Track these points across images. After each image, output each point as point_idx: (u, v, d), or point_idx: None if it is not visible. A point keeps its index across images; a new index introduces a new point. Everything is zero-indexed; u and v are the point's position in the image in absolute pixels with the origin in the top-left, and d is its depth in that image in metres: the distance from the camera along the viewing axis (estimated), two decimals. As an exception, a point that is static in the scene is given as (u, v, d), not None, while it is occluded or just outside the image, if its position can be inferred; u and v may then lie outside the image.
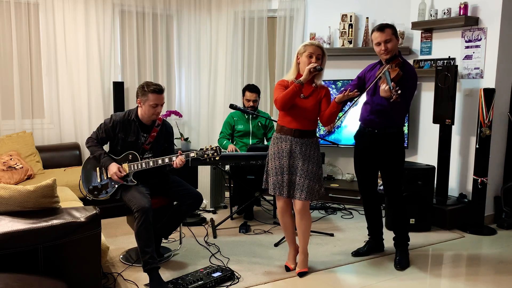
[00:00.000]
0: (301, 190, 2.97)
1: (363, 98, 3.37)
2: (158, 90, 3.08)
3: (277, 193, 3.03)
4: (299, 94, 2.94)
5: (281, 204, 3.11)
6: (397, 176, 3.27)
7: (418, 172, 3.97)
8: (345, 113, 3.39)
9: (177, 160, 3.02)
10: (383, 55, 3.12)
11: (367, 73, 3.34)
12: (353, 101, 3.36)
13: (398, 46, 4.58)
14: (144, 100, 3.09)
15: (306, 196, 2.97)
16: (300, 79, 2.92)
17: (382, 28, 3.11)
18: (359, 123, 3.41)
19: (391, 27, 3.12)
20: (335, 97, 2.99)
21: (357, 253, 3.47)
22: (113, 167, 3.06)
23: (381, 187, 3.51)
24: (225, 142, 4.29)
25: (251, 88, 4.34)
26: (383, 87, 2.93)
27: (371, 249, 3.50)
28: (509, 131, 4.32)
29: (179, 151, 3.07)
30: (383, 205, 3.87)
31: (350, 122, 4.79)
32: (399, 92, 2.86)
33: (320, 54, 2.97)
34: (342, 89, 3.41)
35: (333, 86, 4.92)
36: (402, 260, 3.28)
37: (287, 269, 3.17)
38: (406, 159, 3.43)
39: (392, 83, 2.92)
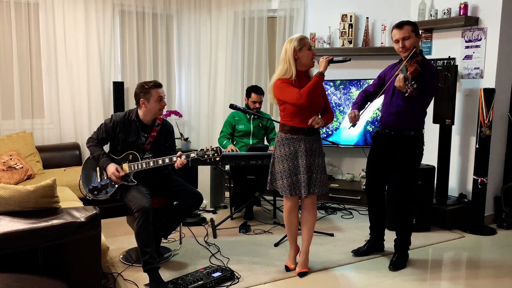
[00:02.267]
0: (315, 185, 3.02)
1: (381, 99, 3.35)
2: (158, 84, 3.16)
3: (293, 193, 3.02)
4: (321, 85, 2.97)
5: (289, 204, 3.11)
6: (408, 179, 3.22)
7: (418, 172, 3.96)
8: (364, 110, 3.34)
9: (178, 162, 3.02)
10: (401, 52, 3.08)
11: (387, 72, 3.30)
12: (372, 101, 3.33)
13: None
14: (148, 97, 3.10)
15: (319, 190, 3.03)
16: (321, 70, 2.94)
17: (400, 25, 3.07)
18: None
19: (411, 24, 3.07)
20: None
21: (357, 252, 3.47)
22: (111, 168, 3.06)
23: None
24: (225, 142, 4.29)
25: (258, 90, 4.32)
26: (398, 77, 2.91)
27: (371, 248, 3.50)
28: (509, 131, 4.32)
29: (179, 152, 3.07)
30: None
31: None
32: (414, 86, 2.83)
33: (311, 45, 3.08)
34: (354, 101, 3.39)
35: (331, 84, 4.92)
36: (399, 261, 3.27)
37: (287, 269, 3.17)
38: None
39: (409, 74, 2.89)
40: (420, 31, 4.52)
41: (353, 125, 3.27)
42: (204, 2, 5.37)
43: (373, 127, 4.80)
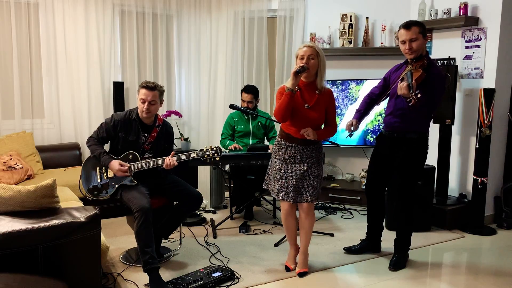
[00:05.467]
0: (307, 192, 2.98)
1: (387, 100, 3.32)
2: (146, 86, 3.10)
3: (280, 197, 3.03)
4: (292, 101, 2.86)
5: (286, 208, 3.11)
6: (409, 182, 3.20)
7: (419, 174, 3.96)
8: (365, 117, 3.36)
9: (167, 160, 3.01)
10: (407, 54, 3.02)
11: (392, 74, 3.26)
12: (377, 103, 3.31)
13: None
14: (137, 95, 3.14)
15: (312, 197, 2.99)
16: (288, 86, 2.84)
17: (408, 25, 2.98)
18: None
19: (419, 25, 3.00)
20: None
21: (349, 250, 3.48)
22: (115, 164, 3.07)
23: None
24: (228, 142, 4.30)
25: (247, 89, 4.33)
26: (402, 84, 2.84)
27: (365, 248, 3.49)
28: (509, 131, 4.32)
29: (172, 153, 3.07)
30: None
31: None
32: (418, 95, 2.73)
33: (312, 54, 2.86)
34: (358, 108, 3.38)
35: (329, 82, 4.91)
36: (398, 261, 3.26)
37: (287, 269, 3.17)
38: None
39: (414, 82, 2.81)
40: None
41: (350, 135, 3.25)
42: (204, 2, 5.37)
43: (374, 136, 4.78)
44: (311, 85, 2.97)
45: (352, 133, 3.25)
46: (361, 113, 3.33)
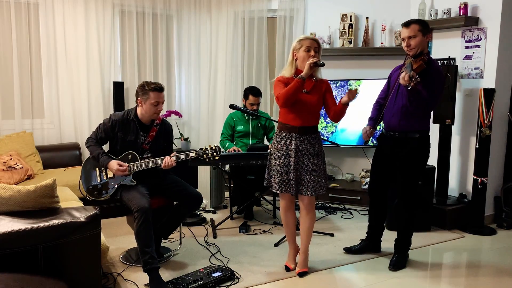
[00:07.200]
0: (307, 186, 2.99)
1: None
2: (158, 88, 3.11)
3: (283, 190, 3.03)
4: (301, 89, 2.94)
5: (285, 202, 3.12)
6: (412, 182, 3.21)
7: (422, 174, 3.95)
8: (379, 123, 3.38)
9: (165, 160, 3.01)
10: (407, 51, 3.06)
11: (393, 73, 3.29)
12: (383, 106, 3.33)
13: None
14: (145, 99, 3.09)
15: (312, 191, 2.99)
16: (302, 74, 2.91)
17: (408, 23, 3.03)
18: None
19: (419, 22, 3.03)
20: (341, 99, 2.99)
21: (349, 250, 3.48)
22: (113, 164, 3.07)
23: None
24: (227, 144, 4.29)
25: (255, 92, 4.30)
26: (403, 75, 2.87)
27: (365, 248, 3.49)
28: (509, 131, 4.32)
29: (173, 153, 3.07)
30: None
31: (349, 125, 4.80)
32: (418, 79, 2.77)
33: (316, 47, 2.97)
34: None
35: (329, 82, 4.90)
36: (399, 261, 3.26)
37: (287, 269, 3.17)
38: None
39: (413, 72, 2.84)
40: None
41: (366, 142, 3.25)
42: (204, 2, 5.37)
43: (374, 141, 4.77)
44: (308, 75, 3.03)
45: (368, 141, 3.26)
46: (374, 120, 3.36)
